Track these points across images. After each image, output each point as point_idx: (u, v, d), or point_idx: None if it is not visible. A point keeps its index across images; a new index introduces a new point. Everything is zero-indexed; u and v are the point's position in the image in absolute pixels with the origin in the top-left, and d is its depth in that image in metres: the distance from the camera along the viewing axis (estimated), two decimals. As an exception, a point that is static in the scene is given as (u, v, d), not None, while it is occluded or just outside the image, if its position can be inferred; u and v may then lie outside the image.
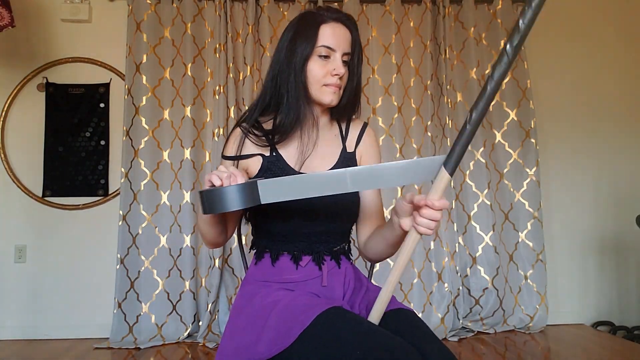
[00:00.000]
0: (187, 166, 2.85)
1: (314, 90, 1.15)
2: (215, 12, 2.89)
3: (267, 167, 1.16)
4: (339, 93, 1.16)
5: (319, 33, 1.13)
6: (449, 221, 2.88)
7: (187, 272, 2.80)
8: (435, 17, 3.00)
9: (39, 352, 2.59)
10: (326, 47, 1.13)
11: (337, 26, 1.15)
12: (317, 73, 1.13)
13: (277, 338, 0.98)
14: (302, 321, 0.97)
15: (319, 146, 1.20)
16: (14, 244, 2.88)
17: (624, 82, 3.17)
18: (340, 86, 1.16)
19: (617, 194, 3.12)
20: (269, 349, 0.98)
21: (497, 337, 2.73)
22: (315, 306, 1.00)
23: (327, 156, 1.20)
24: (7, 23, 2.45)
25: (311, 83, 1.14)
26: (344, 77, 1.16)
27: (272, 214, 1.14)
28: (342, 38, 1.14)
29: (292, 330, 0.97)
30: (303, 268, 1.15)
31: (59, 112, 2.94)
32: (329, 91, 1.14)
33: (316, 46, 1.13)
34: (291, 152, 1.18)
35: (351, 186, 0.96)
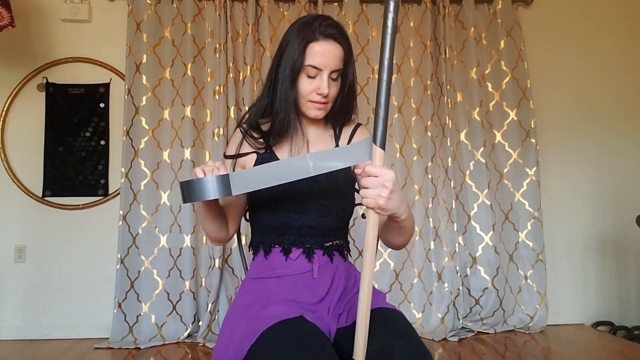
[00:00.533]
0: (187, 166, 2.85)
1: (301, 104, 1.20)
2: (215, 12, 2.89)
3: (260, 164, 1.22)
4: (326, 108, 1.21)
5: (307, 52, 1.16)
6: (449, 221, 2.88)
7: (187, 272, 2.80)
8: (435, 17, 3.00)
9: (39, 352, 2.59)
10: (313, 67, 1.16)
11: (327, 44, 1.16)
12: (304, 89, 1.18)
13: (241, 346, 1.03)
14: (254, 332, 1.02)
15: (312, 146, 1.25)
16: (14, 244, 2.88)
17: (624, 82, 3.17)
18: (326, 102, 1.20)
19: (617, 194, 3.12)
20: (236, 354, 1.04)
21: (497, 337, 2.73)
22: (269, 319, 1.04)
23: None
24: (7, 23, 2.45)
25: (299, 97, 1.19)
26: (331, 93, 1.19)
27: (263, 207, 1.20)
28: (330, 56, 1.16)
29: (246, 343, 1.02)
30: (293, 261, 1.18)
31: (59, 112, 2.94)
32: (313, 107, 1.19)
33: (304, 65, 1.16)
34: (285, 151, 1.23)
35: (313, 170, 1.03)
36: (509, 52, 3.00)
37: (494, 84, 3.01)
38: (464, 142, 2.96)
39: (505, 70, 3.00)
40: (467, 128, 2.97)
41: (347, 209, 1.24)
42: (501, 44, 3.00)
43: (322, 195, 1.18)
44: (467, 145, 2.96)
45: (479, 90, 2.99)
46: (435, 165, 2.93)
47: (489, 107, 3.00)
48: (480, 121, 2.97)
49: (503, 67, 3.00)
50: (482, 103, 2.99)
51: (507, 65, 3.00)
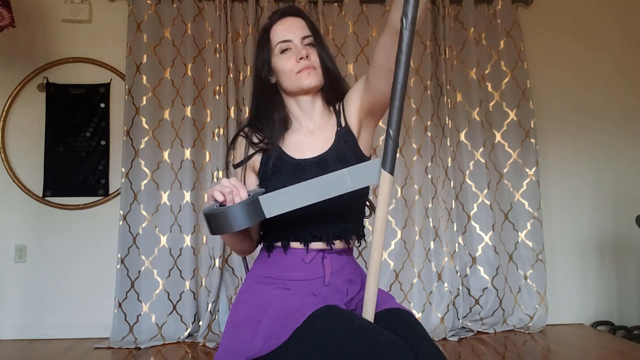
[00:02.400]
0: (187, 166, 2.85)
1: (291, 83, 1.20)
2: (215, 12, 2.89)
3: (266, 159, 1.21)
4: (316, 73, 1.19)
5: (271, 36, 1.20)
6: (449, 221, 2.88)
7: (187, 272, 2.80)
8: (435, 17, 3.01)
9: (39, 352, 2.60)
10: (281, 42, 1.18)
11: (286, 20, 1.21)
12: (285, 66, 1.19)
13: (272, 335, 1.01)
14: (296, 319, 0.99)
15: (317, 133, 1.23)
16: (14, 244, 2.88)
17: (623, 82, 3.17)
18: (313, 66, 1.19)
19: (617, 194, 3.12)
20: (263, 346, 1.01)
21: (497, 337, 2.74)
22: (309, 305, 1.02)
23: (326, 140, 1.22)
24: (7, 23, 2.45)
25: (286, 77, 1.20)
26: (312, 57, 1.19)
27: None
28: (294, 27, 1.20)
29: (286, 328, 0.99)
30: (307, 265, 1.15)
31: (59, 112, 2.94)
32: (303, 75, 1.18)
33: (273, 48, 1.19)
34: (290, 143, 1.22)
35: (351, 185, 1.00)
36: (509, 52, 3.00)
37: (493, 84, 3.01)
38: (464, 142, 2.96)
39: (505, 70, 3.00)
40: (467, 128, 2.97)
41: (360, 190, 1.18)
42: (501, 44, 3.01)
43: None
44: (467, 145, 2.96)
45: (479, 90, 2.99)
46: (435, 165, 2.93)
47: (488, 107, 3.00)
48: (480, 121, 2.97)
49: (503, 67, 3.00)
50: (482, 103, 2.99)
51: (506, 65, 3.00)
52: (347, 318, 0.99)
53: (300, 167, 1.17)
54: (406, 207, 2.91)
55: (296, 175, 1.15)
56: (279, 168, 1.18)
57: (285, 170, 1.17)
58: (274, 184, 1.16)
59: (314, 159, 1.18)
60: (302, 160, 1.18)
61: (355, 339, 0.92)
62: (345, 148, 1.20)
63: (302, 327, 0.98)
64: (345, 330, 0.94)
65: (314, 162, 1.18)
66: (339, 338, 0.93)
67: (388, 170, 0.97)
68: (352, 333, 0.94)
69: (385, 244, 2.88)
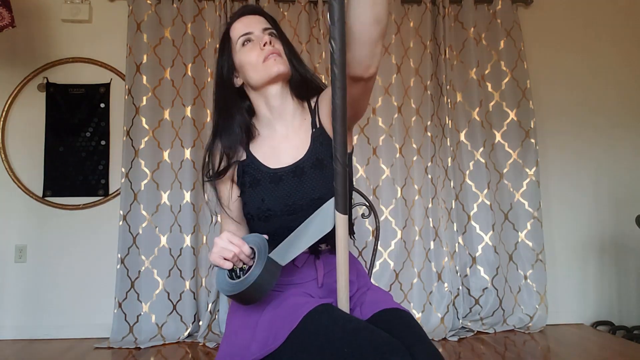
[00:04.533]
0: (187, 166, 2.85)
1: (257, 74, 1.15)
2: (215, 12, 2.89)
3: (242, 170, 1.18)
4: (283, 60, 1.16)
5: (231, 34, 1.20)
6: (449, 221, 2.88)
7: (187, 272, 2.80)
8: (435, 17, 3.01)
9: (39, 352, 2.59)
10: (242, 35, 1.17)
11: (244, 18, 1.20)
12: (250, 57, 1.16)
13: (268, 338, 1.00)
14: (291, 321, 0.99)
15: (291, 137, 1.19)
16: (14, 244, 2.88)
17: (623, 82, 3.17)
18: (278, 52, 1.16)
19: (617, 194, 3.12)
20: (260, 349, 1.00)
21: (497, 337, 2.74)
22: (304, 305, 1.01)
23: (300, 144, 1.18)
24: (7, 23, 2.46)
25: (252, 69, 1.16)
26: (276, 45, 1.17)
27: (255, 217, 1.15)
28: (253, 21, 1.19)
29: (282, 331, 0.98)
30: (300, 269, 1.15)
31: (59, 112, 2.94)
32: (270, 63, 1.14)
33: (234, 44, 1.18)
34: (264, 151, 1.19)
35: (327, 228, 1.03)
36: (509, 52, 3.00)
37: (493, 84, 3.01)
38: (464, 142, 2.96)
39: (505, 70, 3.00)
40: (467, 128, 2.97)
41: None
42: (501, 44, 3.01)
43: (312, 188, 1.12)
44: (467, 145, 2.96)
45: (479, 90, 2.99)
46: (435, 165, 2.93)
47: (488, 107, 3.00)
48: (480, 121, 2.97)
49: (503, 67, 3.00)
50: (482, 103, 2.99)
51: (506, 65, 3.00)
52: (342, 319, 0.98)
53: (277, 177, 1.14)
54: (406, 207, 2.91)
55: (274, 187, 1.13)
56: (256, 179, 1.16)
57: (262, 182, 1.15)
58: (253, 197, 1.15)
59: (291, 167, 1.15)
60: (279, 170, 1.15)
61: (352, 340, 0.91)
62: (322, 152, 1.15)
63: (297, 329, 0.97)
64: (341, 332, 0.94)
65: (291, 170, 1.14)
66: (335, 339, 0.93)
67: (341, 211, 0.97)
68: (349, 334, 0.93)
69: (385, 244, 2.88)
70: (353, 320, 0.98)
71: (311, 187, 1.12)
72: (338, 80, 0.89)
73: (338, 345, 0.91)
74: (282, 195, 1.12)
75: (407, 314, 1.10)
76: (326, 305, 1.02)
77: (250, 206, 1.15)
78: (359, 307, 1.13)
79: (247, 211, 1.16)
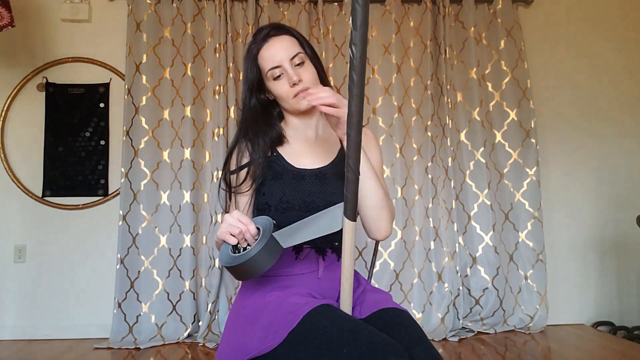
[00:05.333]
0: (187, 166, 2.85)
1: (289, 105, 1.22)
2: (215, 12, 2.89)
3: (268, 164, 1.22)
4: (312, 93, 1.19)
5: (259, 63, 1.21)
6: (449, 221, 2.88)
7: (187, 272, 2.80)
8: (435, 17, 3.00)
9: (39, 352, 2.59)
10: (271, 69, 1.18)
11: (272, 43, 1.20)
12: (281, 92, 1.20)
13: (267, 336, 1.01)
14: (290, 320, 1.00)
15: (317, 144, 1.25)
16: (14, 244, 2.88)
17: (624, 82, 3.16)
18: (307, 88, 1.18)
19: (617, 194, 3.12)
20: (258, 347, 1.01)
21: (497, 337, 2.73)
22: (304, 305, 1.02)
23: (326, 152, 1.24)
24: (7, 23, 2.45)
25: (283, 101, 1.22)
26: (305, 77, 1.19)
27: (273, 207, 1.19)
28: (281, 49, 1.19)
29: (282, 329, 0.99)
30: (301, 261, 1.17)
31: (58, 112, 2.94)
32: (299, 99, 1.19)
33: (266, 75, 1.20)
34: (290, 151, 1.23)
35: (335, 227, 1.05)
36: (509, 52, 3.00)
37: (494, 84, 3.00)
38: (464, 142, 2.95)
39: (505, 70, 2.99)
40: (467, 128, 2.96)
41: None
42: (501, 44, 3.00)
43: (332, 193, 1.18)
44: (467, 145, 2.96)
45: (479, 90, 2.98)
46: (435, 165, 2.92)
47: (489, 107, 3.00)
48: (480, 121, 2.96)
49: (503, 67, 3.00)
50: (482, 103, 2.98)
51: (507, 65, 2.99)
52: (342, 319, 0.99)
53: (300, 175, 1.20)
54: (406, 207, 2.90)
55: (295, 183, 1.18)
56: (279, 173, 1.20)
57: (285, 177, 1.19)
58: (274, 189, 1.19)
59: (314, 171, 1.21)
60: (302, 170, 1.21)
61: (351, 340, 0.92)
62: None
63: (297, 328, 0.98)
64: (340, 332, 0.94)
65: (314, 173, 1.20)
66: (334, 340, 0.93)
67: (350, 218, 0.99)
68: (348, 335, 0.93)
69: (385, 244, 2.87)
70: (352, 321, 0.98)
71: (331, 191, 1.19)
72: (356, 87, 0.89)
73: (337, 346, 0.92)
74: (302, 192, 1.17)
75: (406, 314, 1.11)
76: (326, 305, 1.03)
77: (270, 197, 1.18)
78: (359, 306, 1.14)
79: (266, 201, 1.20)
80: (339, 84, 2.94)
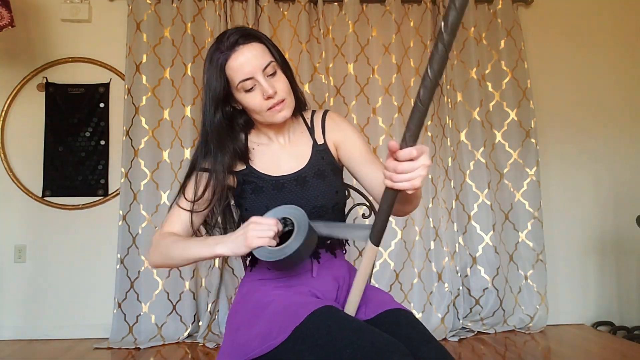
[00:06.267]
0: (187, 166, 2.84)
1: (262, 118, 1.15)
2: (215, 12, 2.89)
3: (242, 180, 1.19)
4: (287, 104, 1.14)
5: (228, 74, 1.11)
6: (449, 221, 2.88)
7: (187, 272, 2.80)
8: (435, 17, 3.00)
9: (39, 352, 2.59)
10: (242, 81, 1.09)
11: (241, 52, 1.09)
12: (254, 105, 1.12)
13: (270, 334, 1.01)
14: (294, 319, 0.99)
15: (290, 147, 1.23)
16: (14, 244, 2.88)
17: (624, 82, 3.16)
18: (283, 99, 1.12)
19: (617, 194, 3.12)
20: (261, 345, 1.01)
21: (497, 337, 2.73)
22: (308, 304, 1.02)
23: (300, 154, 1.22)
24: (7, 23, 2.45)
25: (256, 114, 1.15)
26: (279, 87, 1.12)
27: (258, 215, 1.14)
28: (252, 59, 1.09)
29: (285, 328, 0.99)
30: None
31: (58, 112, 2.94)
32: (274, 112, 1.12)
33: (236, 86, 1.11)
34: (264, 160, 1.21)
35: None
36: (509, 52, 3.00)
37: (494, 84, 3.00)
38: (464, 142, 2.95)
39: (505, 70, 2.99)
40: (467, 128, 2.96)
41: (341, 202, 1.23)
42: (501, 44, 3.00)
43: (315, 196, 1.16)
44: (467, 145, 2.96)
45: (479, 90, 2.98)
46: (435, 165, 2.92)
47: (489, 107, 3.00)
48: (480, 121, 2.96)
49: (503, 67, 3.00)
50: (482, 103, 2.98)
51: (507, 65, 2.99)
52: (345, 320, 0.99)
53: (280, 184, 1.17)
54: (406, 207, 2.90)
55: (276, 193, 1.16)
56: (259, 187, 1.17)
57: (265, 189, 1.16)
58: (254, 203, 1.16)
59: (292, 176, 1.18)
60: (280, 177, 1.18)
61: (354, 340, 0.92)
62: (322, 164, 1.21)
63: (300, 327, 0.98)
64: (343, 332, 0.94)
65: (293, 178, 1.18)
66: (337, 339, 0.93)
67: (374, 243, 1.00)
68: (350, 335, 0.93)
69: (385, 244, 2.87)
70: (355, 321, 0.98)
71: (314, 195, 1.16)
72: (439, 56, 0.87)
73: (340, 346, 0.92)
74: (285, 201, 1.13)
75: (411, 315, 1.11)
76: (330, 306, 1.03)
77: (253, 211, 1.15)
78: (364, 307, 1.14)
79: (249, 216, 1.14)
80: (339, 84, 2.95)
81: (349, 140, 1.23)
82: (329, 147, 1.23)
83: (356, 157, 1.21)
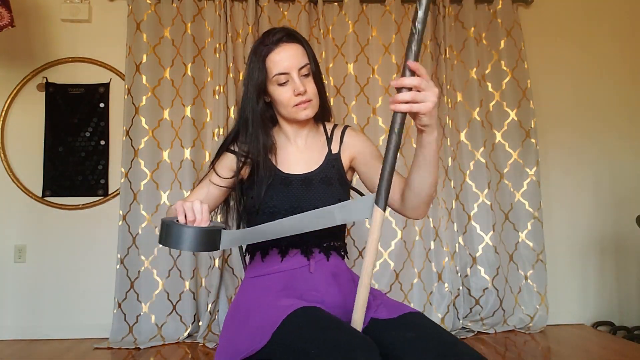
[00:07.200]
0: (187, 166, 2.85)
1: (287, 112, 1.24)
2: (215, 12, 2.89)
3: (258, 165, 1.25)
4: (312, 105, 1.23)
5: (268, 65, 1.21)
6: (449, 221, 2.88)
7: (187, 272, 2.80)
8: (435, 17, 3.00)
9: (39, 352, 2.59)
10: (278, 74, 1.19)
11: (283, 48, 1.21)
12: (283, 98, 1.21)
13: (255, 337, 1.03)
14: (274, 321, 1.01)
15: (306, 151, 1.29)
16: (14, 244, 2.88)
17: (624, 82, 3.16)
18: (309, 99, 1.22)
19: (617, 194, 3.12)
20: (248, 348, 1.03)
21: (497, 337, 2.73)
22: (288, 307, 1.04)
23: (313, 159, 1.28)
24: (7, 23, 2.45)
25: (282, 107, 1.23)
26: (309, 89, 1.22)
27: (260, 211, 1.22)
28: (292, 57, 1.20)
29: (266, 331, 1.01)
30: (291, 258, 1.21)
31: (58, 112, 2.94)
32: (299, 109, 1.21)
33: (270, 78, 1.20)
34: (279, 156, 1.28)
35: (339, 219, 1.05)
36: (509, 52, 3.00)
37: (494, 84, 3.00)
38: (464, 142, 2.95)
39: (505, 70, 2.99)
40: (467, 128, 2.96)
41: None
42: (501, 44, 3.00)
43: (318, 198, 1.21)
44: (467, 145, 2.96)
45: (479, 90, 2.98)
46: (435, 165, 2.92)
47: (489, 107, 3.00)
48: (480, 121, 2.96)
49: (503, 67, 3.00)
50: (482, 103, 2.98)
51: (507, 65, 2.99)
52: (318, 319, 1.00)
53: (288, 181, 1.23)
54: (406, 207, 2.90)
55: (283, 188, 1.22)
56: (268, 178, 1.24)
57: (273, 182, 1.23)
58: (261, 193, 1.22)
59: (301, 176, 1.24)
60: (290, 175, 1.24)
61: (320, 339, 0.93)
62: (332, 172, 1.27)
63: (279, 330, 1.00)
64: (312, 332, 0.96)
65: (300, 178, 1.24)
66: (307, 340, 0.95)
67: (381, 207, 1.00)
68: (318, 333, 0.95)
69: (385, 244, 2.87)
70: (325, 320, 1.00)
71: (317, 197, 1.22)
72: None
73: (309, 346, 0.93)
74: (290, 197, 1.21)
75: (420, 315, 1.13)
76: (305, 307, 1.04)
77: (258, 199, 1.21)
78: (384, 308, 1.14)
79: (253, 204, 1.23)
80: (339, 84, 2.95)
81: (368, 149, 1.30)
82: (342, 159, 1.30)
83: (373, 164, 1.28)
